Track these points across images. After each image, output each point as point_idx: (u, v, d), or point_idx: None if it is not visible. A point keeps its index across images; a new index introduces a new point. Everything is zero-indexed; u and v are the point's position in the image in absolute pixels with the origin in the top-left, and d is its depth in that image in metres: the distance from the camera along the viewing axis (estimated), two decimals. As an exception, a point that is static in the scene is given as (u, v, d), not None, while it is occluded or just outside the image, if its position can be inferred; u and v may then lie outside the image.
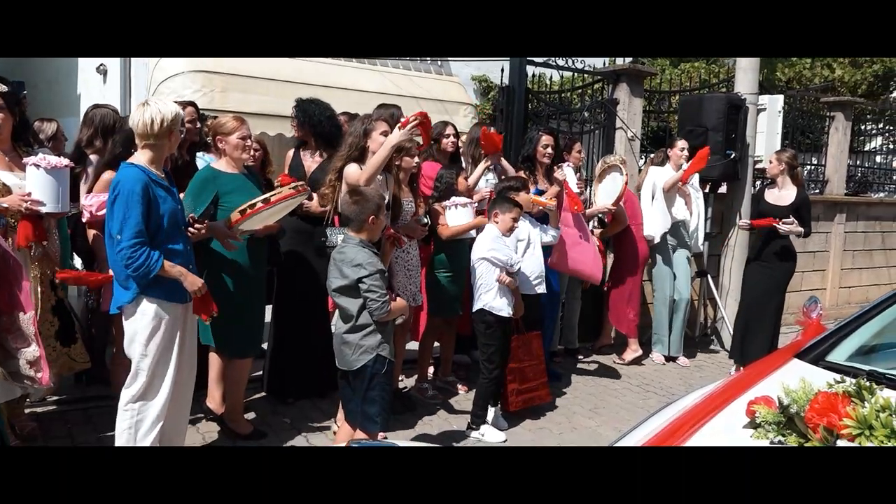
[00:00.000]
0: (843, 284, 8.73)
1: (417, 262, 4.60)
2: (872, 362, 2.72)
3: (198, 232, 3.45)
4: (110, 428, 3.98)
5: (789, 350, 2.94)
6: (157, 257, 3.04)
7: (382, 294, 3.25)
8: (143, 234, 3.01)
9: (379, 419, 3.33)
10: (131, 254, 2.98)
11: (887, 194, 9.94)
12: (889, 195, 9.91)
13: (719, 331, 7.10)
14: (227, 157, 3.85)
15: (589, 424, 4.69)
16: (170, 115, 3.10)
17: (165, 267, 3.07)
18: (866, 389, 1.97)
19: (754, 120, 6.79)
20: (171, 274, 3.10)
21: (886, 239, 9.17)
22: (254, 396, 4.63)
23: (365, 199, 3.37)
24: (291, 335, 4.57)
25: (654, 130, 8.00)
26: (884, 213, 9.11)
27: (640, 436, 2.26)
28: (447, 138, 5.04)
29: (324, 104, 4.64)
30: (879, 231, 9.07)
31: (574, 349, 6.18)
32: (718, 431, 2.15)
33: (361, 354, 3.29)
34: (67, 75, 9.15)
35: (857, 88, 10.92)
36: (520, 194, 4.50)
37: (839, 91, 10.51)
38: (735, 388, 2.47)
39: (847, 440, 1.84)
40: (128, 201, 3.00)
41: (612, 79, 6.74)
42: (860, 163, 9.97)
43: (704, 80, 8.33)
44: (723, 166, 6.46)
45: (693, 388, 3.77)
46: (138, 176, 3.06)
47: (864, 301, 8.59)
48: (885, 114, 10.64)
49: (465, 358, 5.68)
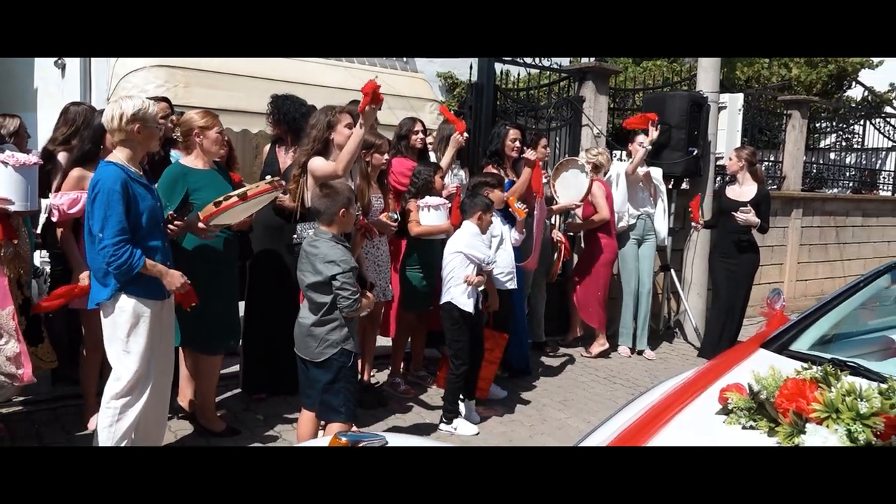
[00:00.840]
0: (799, 277, 8.98)
1: (387, 257, 4.63)
2: (833, 351, 2.83)
3: (176, 229, 3.43)
4: (79, 427, 3.96)
5: (755, 340, 3.03)
6: (140, 255, 3.04)
7: (354, 292, 3.27)
8: (126, 232, 3.01)
9: (343, 409, 3.34)
10: (114, 251, 2.98)
11: (841, 190, 10.26)
12: (842, 191, 10.23)
13: (682, 324, 7.26)
14: (200, 152, 3.82)
15: (559, 417, 4.77)
16: (129, 111, 3.07)
17: (147, 265, 3.07)
18: (832, 375, 2.06)
19: (715, 118, 6.95)
20: (152, 273, 3.11)
21: (840, 233, 9.47)
22: (227, 394, 4.60)
23: (335, 193, 3.37)
24: (264, 331, 4.55)
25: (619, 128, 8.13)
26: (838, 209, 9.41)
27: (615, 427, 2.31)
28: (416, 135, 5.06)
29: (299, 100, 4.63)
30: (834, 226, 9.36)
31: (541, 343, 6.26)
32: (693, 420, 2.22)
33: (326, 348, 3.31)
34: (24, 69, 8.92)
35: (813, 87, 11.23)
36: (494, 191, 4.56)
37: (795, 90, 10.80)
38: (706, 377, 2.55)
39: (815, 423, 1.93)
40: (108, 200, 3.00)
41: (578, 76, 6.84)
42: (815, 159, 10.29)
43: (667, 79, 8.49)
44: (685, 163, 6.60)
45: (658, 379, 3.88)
46: (117, 174, 3.05)
47: (820, 293, 8.87)
48: (838, 112, 10.97)
49: (436, 352, 5.71)
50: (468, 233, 4.34)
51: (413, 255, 4.77)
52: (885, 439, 1.83)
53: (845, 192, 10.13)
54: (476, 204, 4.40)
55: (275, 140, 4.74)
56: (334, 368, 3.30)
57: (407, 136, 5.06)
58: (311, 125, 4.03)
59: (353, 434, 2.06)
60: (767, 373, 2.17)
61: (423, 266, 4.75)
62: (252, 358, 4.63)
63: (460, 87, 11.43)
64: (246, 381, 4.67)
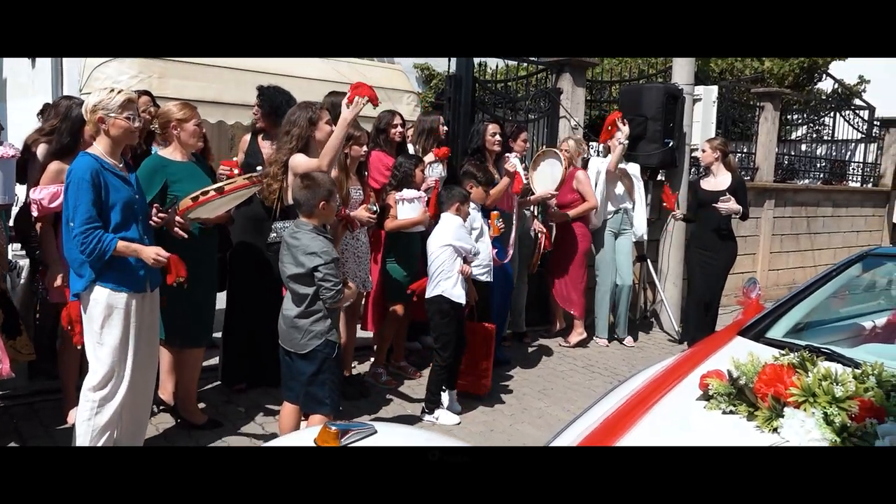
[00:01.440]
0: (771, 267, 9.14)
1: (367, 248, 4.64)
2: (807, 338, 2.91)
3: (160, 220, 3.42)
4: (58, 422, 3.93)
5: (732, 328, 3.11)
6: (112, 238, 3.03)
7: (337, 283, 3.27)
8: (95, 220, 3.01)
9: (328, 401, 3.35)
10: (83, 239, 2.98)
11: (811, 181, 10.45)
12: (813, 182, 10.42)
13: (659, 313, 7.36)
14: (178, 144, 3.79)
15: (539, 406, 4.83)
16: (91, 103, 3.08)
17: (119, 247, 3.05)
18: (809, 361, 2.13)
19: (690, 109, 7.04)
20: (127, 252, 3.09)
21: (811, 223, 9.65)
22: (207, 386, 4.59)
23: (316, 185, 3.36)
24: (245, 323, 4.54)
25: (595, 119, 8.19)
26: (809, 199, 9.58)
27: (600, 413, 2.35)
28: (395, 128, 5.06)
29: (286, 92, 4.58)
30: (805, 216, 9.54)
31: (521, 333, 6.32)
32: (675, 405, 2.27)
33: (311, 339, 3.32)
34: (-8, 59, 8.76)
35: (785, 80, 11.39)
36: (478, 188, 4.63)
37: (768, 82, 10.94)
38: (686, 364, 2.61)
39: (793, 407, 1.99)
40: (78, 188, 3.01)
41: (555, 68, 6.89)
42: (787, 151, 10.45)
43: (642, 71, 8.57)
44: (661, 154, 6.68)
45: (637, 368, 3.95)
46: (89, 164, 3.05)
47: (792, 283, 9.05)
48: (809, 104, 11.16)
49: (417, 344, 5.75)
50: (454, 225, 4.36)
51: (395, 247, 4.79)
52: (859, 421, 1.89)
53: (816, 183, 10.32)
54: (454, 195, 4.43)
55: (256, 131, 4.70)
56: (319, 360, 3.31)
57: (386, 130, 5.06)
58: (289, 122, 3.94)
59: (342, 423, 2.08)
60: (746, 359, 2.23)
61: (405, 257, 4.77)
62: (232, 350, 4.62)
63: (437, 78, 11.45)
64: (225, 374, 4.66)
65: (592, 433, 2.15)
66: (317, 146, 3.90)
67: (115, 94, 3.13)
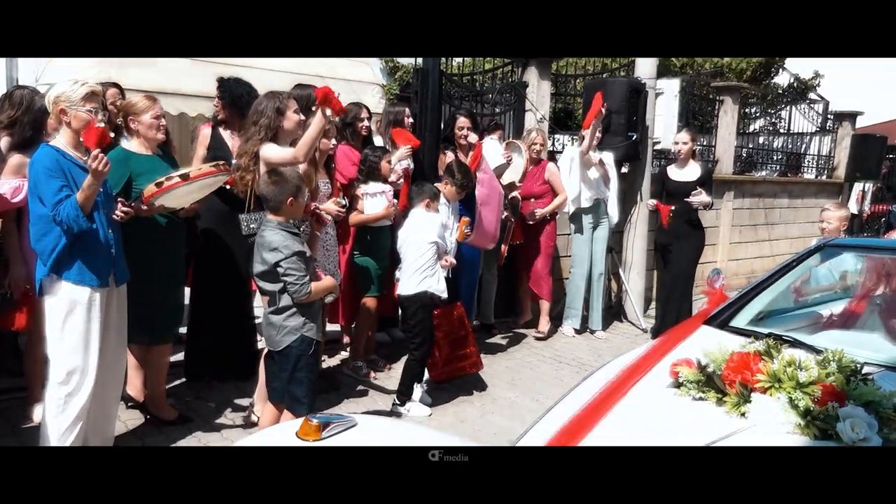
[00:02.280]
0: (732, 257, 9.35)
1: (335, 241, 4.64)
2: (770, 326, 3.00)
3: (124, 215, 3.37)
4: (24, 420, 3.85)
5: (698, 318, 3.19)
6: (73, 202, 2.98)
7: (301, 276, 3.23)
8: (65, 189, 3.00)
9: (306, 400, 3.34)
10: (56, 210, 2.96)
11: (769, 173, 10.71)
12: (770, 174, 10.68)
13: (623, 304, 7.49)
14: (140, 137, 3.75)
15: (508, 396, 4.89)
16: (52, 95, 3.06)
17: (79, 198, 2.99)
18: (774, 348, 2.20)
19: (653, 103, 7.15)
20: (87, 194, 3.01)
21: (769, 214, 9.89)
22: (175, 382, 4.55)
23: (283, 180, 3.32)
24: (210, 317, 4.51)
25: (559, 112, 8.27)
26: (766, 191, 9.82)
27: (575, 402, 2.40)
28: (361, 122, 5.05)
29: (247, 84, 4.54)
30: (763, 207, 9.77)
31: (490, 324, 6.37)
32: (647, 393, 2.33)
33: (286, 335, 3.29)
34: (-57, 49, 8.47)
35: (743, 74, 11.64)
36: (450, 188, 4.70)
37: (727, 76, 11.17)
38: (655, 354, 2.67)
39: (759, 392, 2.06)
40: (43, 175, 3.00)
41: (521, 62, 6.93)
42: (745, 143, 10.69)
43: (606, 65, 8.67)
44: (625, 147, 6.77)
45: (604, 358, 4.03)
46: (49, 153, 3.05)
47: (751, 272, 9.27)
48: (766, 98, 11.42)
49: (385, 336, 5.76)
50: (436, 222, 4.42)
51: (364, 240, 4.80)
52: (822, 405, 1.97)
53: (773, 175, 10.57)
54: (424, 192, 4.47)
55: (216, 122, 4.63)
56: (293, 356, 3.29)
57: (353, 124, 5.04)
58: (256, 112, 3.89)
59: (323, 416, 2.09)
60: (715, 347, 2.30)
61: (375, 250, 4.78)
62: (196, 346, 4.58)
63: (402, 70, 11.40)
64: (192, 369, 4.62)
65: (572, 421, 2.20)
66: (285, 136, 3.88)
67: (77, 86, 3.08)
